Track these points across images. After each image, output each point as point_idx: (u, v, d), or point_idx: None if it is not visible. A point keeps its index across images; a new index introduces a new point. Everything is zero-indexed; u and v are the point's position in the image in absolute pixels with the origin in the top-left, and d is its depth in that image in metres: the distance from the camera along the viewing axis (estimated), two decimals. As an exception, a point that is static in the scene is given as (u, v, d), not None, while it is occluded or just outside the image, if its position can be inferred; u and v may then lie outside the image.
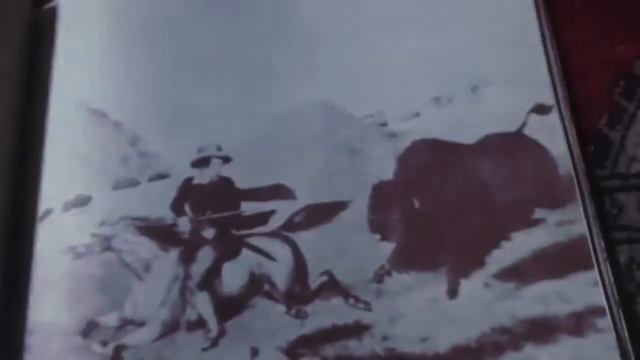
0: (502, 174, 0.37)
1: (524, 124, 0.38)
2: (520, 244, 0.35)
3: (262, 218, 0.37)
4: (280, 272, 0.36)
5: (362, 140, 0.39)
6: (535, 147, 0.37)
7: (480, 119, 0.38)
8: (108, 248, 0.37)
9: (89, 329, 0.35)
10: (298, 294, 0.35)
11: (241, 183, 0.38)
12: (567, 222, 0.35)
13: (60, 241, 0.38)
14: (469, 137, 0.38)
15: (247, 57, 0.42)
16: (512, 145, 0.38)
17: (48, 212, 0.39)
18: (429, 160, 0.38)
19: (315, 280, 0.35)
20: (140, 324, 0.35)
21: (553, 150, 0.37)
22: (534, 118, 0.38)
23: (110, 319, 0.35)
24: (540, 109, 0.38)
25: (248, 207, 0.38)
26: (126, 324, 0.35)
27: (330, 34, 0.41)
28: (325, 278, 0.35)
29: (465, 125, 0.38)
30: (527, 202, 0.36)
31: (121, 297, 0.36)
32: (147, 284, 0.36)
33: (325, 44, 0.41)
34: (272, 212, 0.37)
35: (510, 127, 0.38)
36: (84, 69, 0.42)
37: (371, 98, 0.39)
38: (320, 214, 0.37)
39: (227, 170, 0.39)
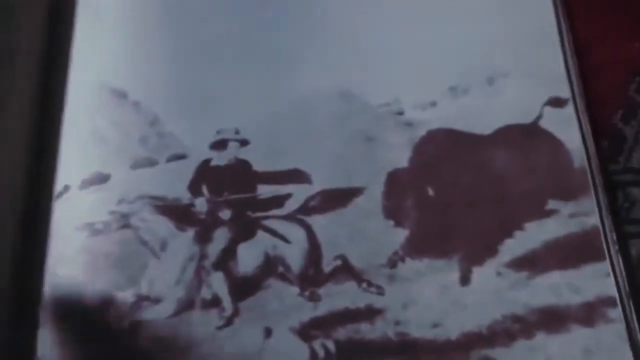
0: (517, 164, 0.37)
1: (539, 117, 0.38)
2: (533, 234, 0.35)
3: (278, 201, 0.38)
4: (294, 254, 0.36)
5: (378, 128, 0.39)
6: (550, 140, 0.38)
7: (496, 110, 0.39)
8: (125, 225, 0.37)
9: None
10: (312, 277, 0.36)
11: (258, 166, 0.39)
12: (580, 214, 0.35)
13: (78, 218, 0.38)
14: (484, 127, 0.39)
15: (267, 42, 0.42)
16: (527, 137, 0.38)
17: (66, 189, 0.39)
18: (444, 150, 0.38)
19: (329, 264, 0.36)
20: (156, 300, 0.35)
21: (568, 143, 0.37)
22: (549, 111, 0.38)
23: (126, 295, 0.35)
24: (556, 102, 0.38)
25: (264, 190, 0.38)
26: (142, 300, 0.35)
27: (348, 21, 0.42)
28: (339, 262, 0.36)
29: (481, 116, 0.39)
30: (540, 193, 0.36)
31: (137, 273, 0.36)
32: (163, 262, 0.36)
33: (344, 31, 0.42)
34: (288, 196, 0.38)
35: (526, 119, 0.38)
36: (104, 48, 0.43)
37: (388, 86, 0.40)
38: (335, 199, 0.37)
39: (244, 153, 0.39)
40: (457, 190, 0.37)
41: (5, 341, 0.36)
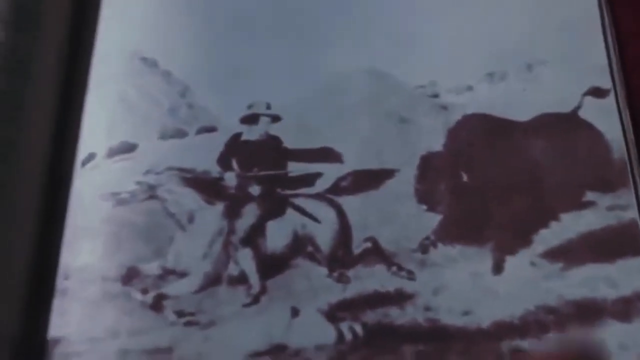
0: (554, 153, 0.36)
1: (578, 106, 0.37)
2: (569, 225, 0.35)
3: (309, 179, 0.37)
4: (324, 234, 0.35)
5: (412, 110, 0.38)
6: (589, 130, 0.37)
7: (534, 98, 0.38)
8: (152, 196, 0.36)
9: (130, 276, 0.35)
10: (341, 258, 0.35)
11: (288, 143, 0.38)
12: (618, 207, 0.35)
13: (102, 187, 0.37)
14: (521, 114, 0.38)
15: (302, 17, 0.41)
16: (566, 126, 0.37)
17: (91, 156, 0.38)
18: (480, 135, 0.37)
19: (358, 246, 0.35)
20: (182, 274, 0.35)
21: (608, 134, 0.36)
22: (590, 100, 0.38)
23: (151, 268, 0.34)
24: (597, 92, 0.38)
25: (295, 168, 0.37)
26: (168, 273, 0.35)
27: (387, 0, 0.41)
28: (369, 244, 0.35)
29: (518, 102, 0.38)
30: (578, 183, 0.36)
31: (163, 246, 0.35)
32: (190, 236, 0.35)
33: (381, 10, 0.41)
34: (318, 175, 0.37)
35: (565, 108, 0.37)
36: (135, 16, 0.41)
37: (424, 68, 0.39)
38: (366, 180, 0.37)
39: (275, 129, 0.38)
40: (492, 177, 0.36)
41: (21, 311, 0.35)
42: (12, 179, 0.36)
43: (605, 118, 0.37)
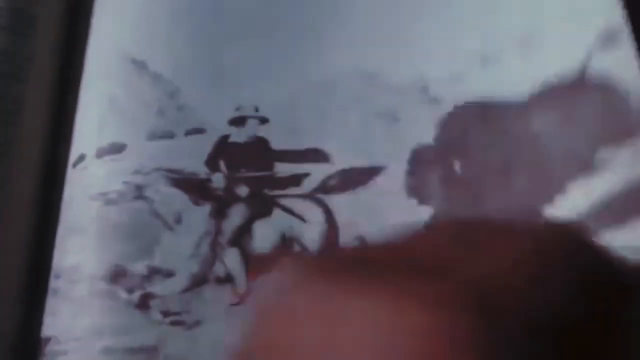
0: (558, 122, 0.36)
1: (586, 63, 0.36)
2: (579, 196, 0.34)
3: (296, 180, 0.37)
4: (311, 234, 0.35)
5: (401, 104, 0.38)
6: (599, 85, 0.36)
7: (534, 70, 0.37)
8: (140, 197, 0.36)
9: (116, 275, 0.35)
10: (329, 258, 0.35)
11: (277, 144, 0.38)
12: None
13: (92, 187, 0.37)
14: (521, 88, 0.37)
15: (289, 17, 0.41)
16: (570, 89, 0.36)
17: (81, 157, 0.38)
18: (473, 123, 0.37)
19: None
20: (169, 274, 0.35)
21: (623, 83, 0.35)
22: (598, 53, 0.36)
23: (138, 267, 0.35)
24: (606, 39, 0.36)
25: (282, 169, 0.37)
26: (154, 273, 0.35)
27: None
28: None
29: (515, 80, 0.37)
30: (587, 144, 0.35)
31: (150, 246, 0.35)
32: (177, 236, 0.35)
33: (367, 5, 0.40)
34: (306, 175, 0.37)
35: (570, 70, 0.36)
36: (125, 17, 0.42)
37: (412, 62, 0.39)
38: (355, 178, 0.36)
39: (264, 129, 0.38)
40: (488, 161, 0.36)
41: (15, 311, 0.35)
42: (8, 180, 0.36)
43: (620, 65, 0.35)
